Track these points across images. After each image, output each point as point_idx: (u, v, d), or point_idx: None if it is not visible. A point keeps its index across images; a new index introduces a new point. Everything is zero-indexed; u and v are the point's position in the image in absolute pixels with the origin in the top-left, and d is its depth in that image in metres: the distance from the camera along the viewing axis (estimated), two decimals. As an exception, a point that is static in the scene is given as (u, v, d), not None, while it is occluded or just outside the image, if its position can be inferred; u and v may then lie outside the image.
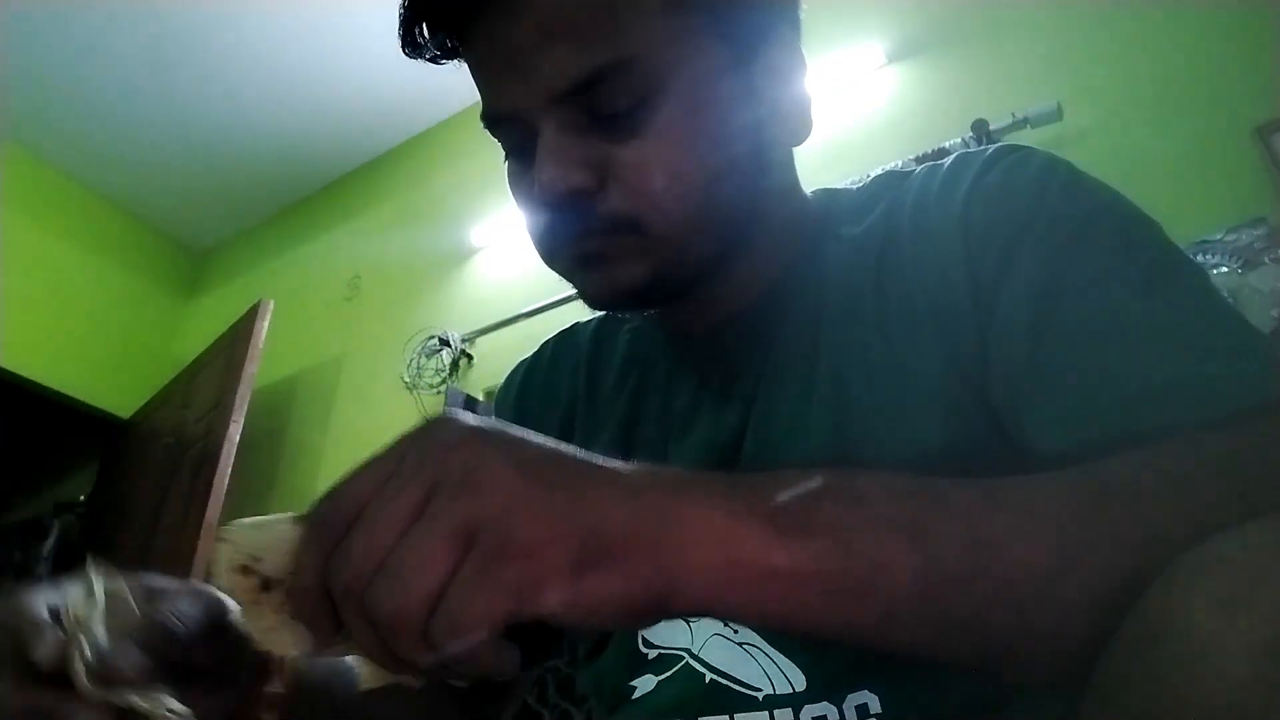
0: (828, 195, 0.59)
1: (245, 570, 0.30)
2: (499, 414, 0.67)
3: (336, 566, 0.28)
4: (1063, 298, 0.41)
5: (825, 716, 0.44)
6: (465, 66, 0.52)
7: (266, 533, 0.30)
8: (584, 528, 0.28)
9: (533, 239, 0.52)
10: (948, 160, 0.52)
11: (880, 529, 0.31)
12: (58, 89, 2.80)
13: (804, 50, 0.53)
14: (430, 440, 0.30)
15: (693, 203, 0.47)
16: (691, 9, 0.47)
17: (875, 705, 0.43)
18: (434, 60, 0.52)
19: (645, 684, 0.50)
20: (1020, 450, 0.41)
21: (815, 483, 0.31)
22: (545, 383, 0.66)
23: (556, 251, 0.51)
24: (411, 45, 0.50)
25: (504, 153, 0.52)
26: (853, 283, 0.51)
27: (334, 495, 0.30)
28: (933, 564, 0.30)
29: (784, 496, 0.31)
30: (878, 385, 0.47)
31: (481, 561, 0.27)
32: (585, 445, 0.32)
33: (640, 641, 0.51)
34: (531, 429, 0.33)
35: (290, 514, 0.31)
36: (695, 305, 0.55)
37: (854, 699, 0.43)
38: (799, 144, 0.53)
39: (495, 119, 0.50)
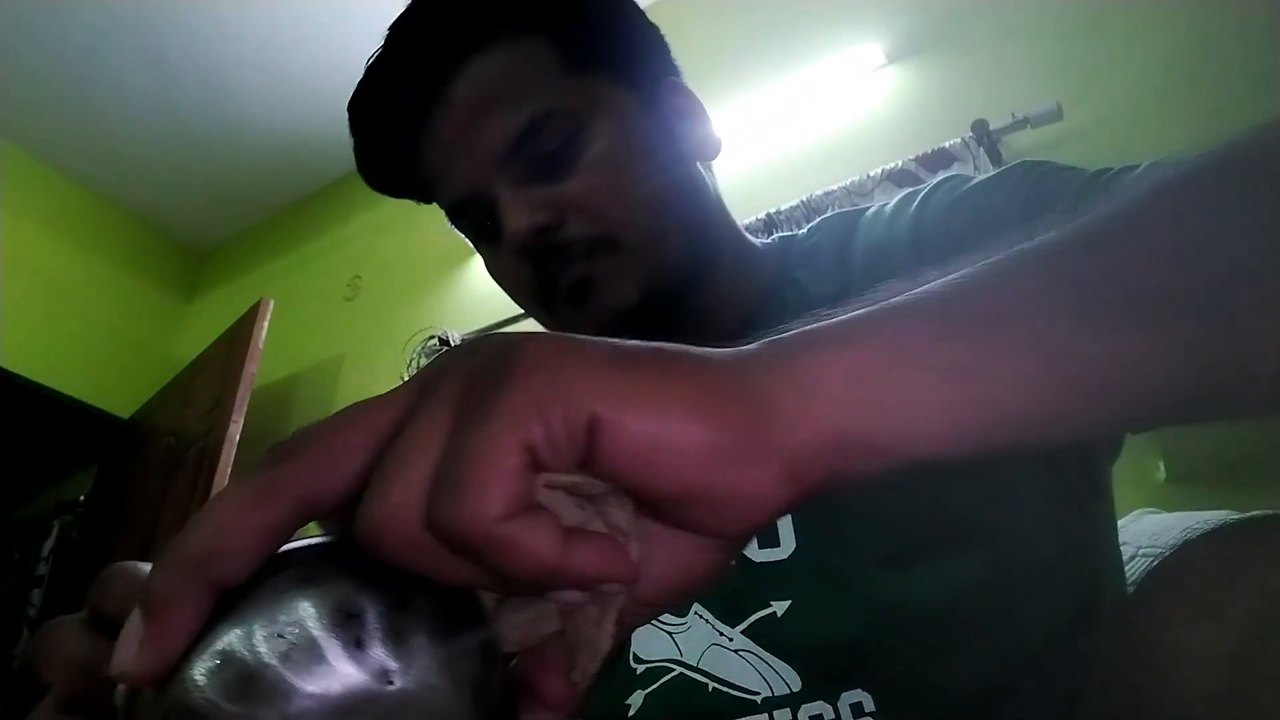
0: (783, 242, 0.64)
1: None
2: None
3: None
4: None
5: (821, 715, 0.45)
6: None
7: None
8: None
9: (524, 299, 0.57)
10: (893, 199, 0.58)
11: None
12: (58, 89, 2.80)
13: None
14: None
15: (645, 209, 0.54)
16: (590, 66, 0.55)
17: (869, 704, 0.44)
18: (399, 194, 0.63)
19: (637, 700, 0.51)
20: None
21: None
22: None
23: (549, 294, 0.55)
24: (377, 178, 0.63)
25: (473, 247, 0.59)
26: None
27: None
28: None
29: None
30: None
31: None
32: None
33: (630, 657, 0.52)
34: None
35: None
36: (679, 336, 0.56)
37: (848, 697, 0.45)
38: (714, 158, 0.61)
39: (456, 207, 0.57)
